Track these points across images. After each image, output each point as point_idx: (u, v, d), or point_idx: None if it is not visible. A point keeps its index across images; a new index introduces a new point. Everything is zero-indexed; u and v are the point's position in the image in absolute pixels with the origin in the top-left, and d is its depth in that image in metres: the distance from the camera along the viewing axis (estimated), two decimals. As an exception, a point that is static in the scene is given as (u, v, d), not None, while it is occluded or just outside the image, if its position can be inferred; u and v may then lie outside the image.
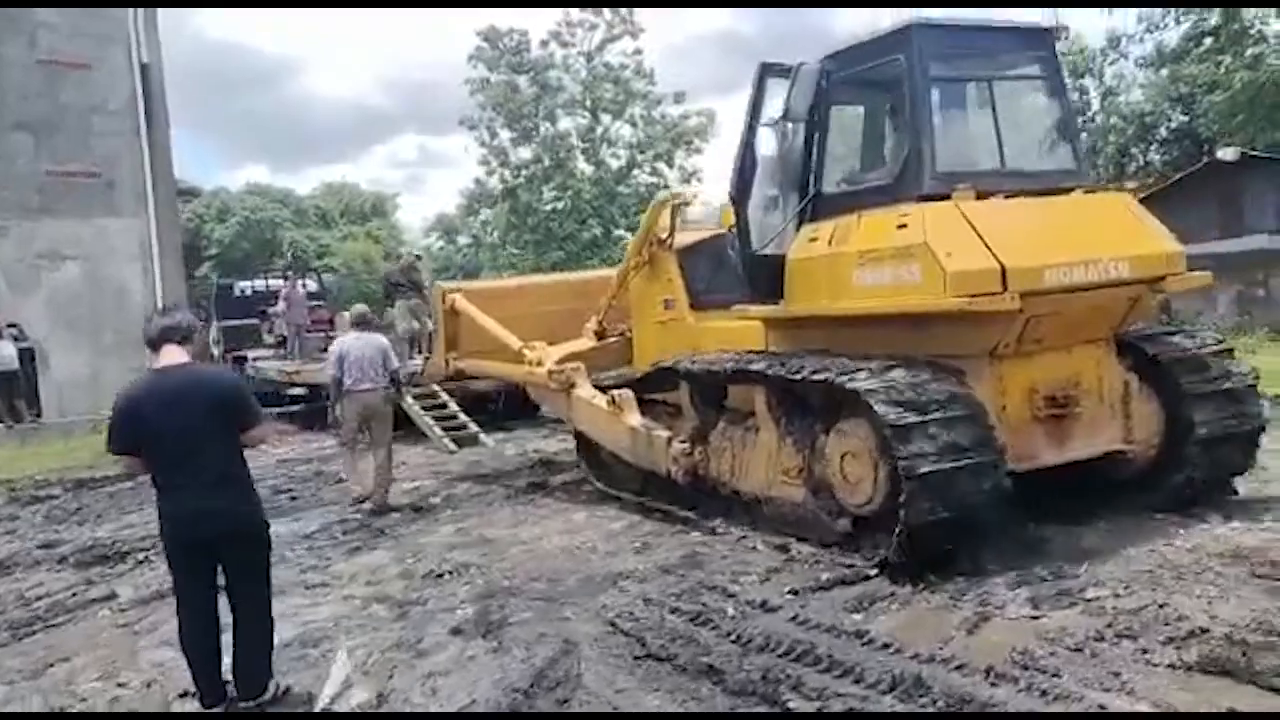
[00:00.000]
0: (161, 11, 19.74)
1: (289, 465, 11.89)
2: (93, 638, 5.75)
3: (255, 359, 19.32)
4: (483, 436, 12.26)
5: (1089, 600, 5.06)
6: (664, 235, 8.32)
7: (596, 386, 8.35)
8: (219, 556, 4.37)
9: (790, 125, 6.68)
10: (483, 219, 43.96)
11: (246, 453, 4.48)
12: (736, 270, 7.23)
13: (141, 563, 7.39)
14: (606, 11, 37.43)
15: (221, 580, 4.45)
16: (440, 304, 9.88)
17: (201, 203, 53.03)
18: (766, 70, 6.78)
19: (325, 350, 16.60)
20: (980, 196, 6.00)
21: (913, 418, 5.44)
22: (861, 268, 6.19)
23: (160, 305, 14.10)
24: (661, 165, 38.31)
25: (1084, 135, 24.21)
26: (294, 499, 9.67)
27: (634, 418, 7.63)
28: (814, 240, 6.61)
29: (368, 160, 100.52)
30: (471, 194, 42.25)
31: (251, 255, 49.62)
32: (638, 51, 38.20)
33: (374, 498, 8.77)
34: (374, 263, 49.15)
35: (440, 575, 6.38)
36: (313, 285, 27.56)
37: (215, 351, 23.35)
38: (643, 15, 39.38)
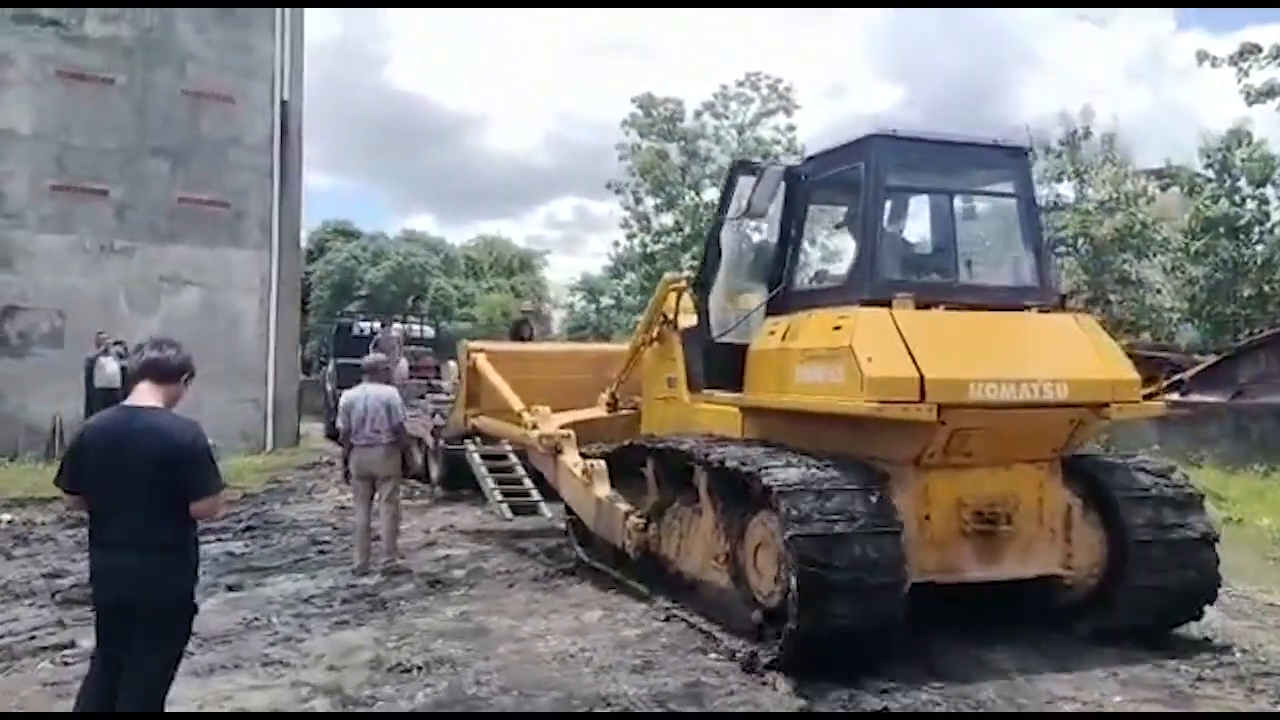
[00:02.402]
0: (349, 59, 21.56)
1: (343, 514, 11.93)
2: (10, 696, 5.67)
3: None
4: (543, 506, 11.40)
5: None
6: (670, 315, 8.90)
7: (597, 456, 8.93)
8: (126, 622, 4.08)
9: (761, 221, 7.24)
10: (625, 282, 45.44)
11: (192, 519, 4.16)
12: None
13: None
14: (763, 85, 38.57)
15: None
16: (464, 361, 10.72)
17: (359, 244, 56.94)
18: (739, 167, 7.39)
19: (423, 398, 17.90)
20: (921, 306, 6.39)
21: (814, 516, 5.78)
22: (802, 364, 6.64)
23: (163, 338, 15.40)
24: (803, 243, 38.84)
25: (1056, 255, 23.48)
26: (322, 553, 9.91)
27: (602, 489, 8.17)
28: (772, 334, 7.11)
29: (530, 218, 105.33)
30: (618, 257, 43.94)
31: (400, 298, 52.74)
32: (791, 127, 39.10)
33: (384, 562, 9.00)
34: (511, 314, 51.35)
35: (408, 670, 6.13)
36: (425, 330, 29.20)
37: (329, 387, 25.14)
38: (802, 92, 40.21)
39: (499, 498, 11.63)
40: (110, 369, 17.25)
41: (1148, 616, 6.56)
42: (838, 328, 6.39)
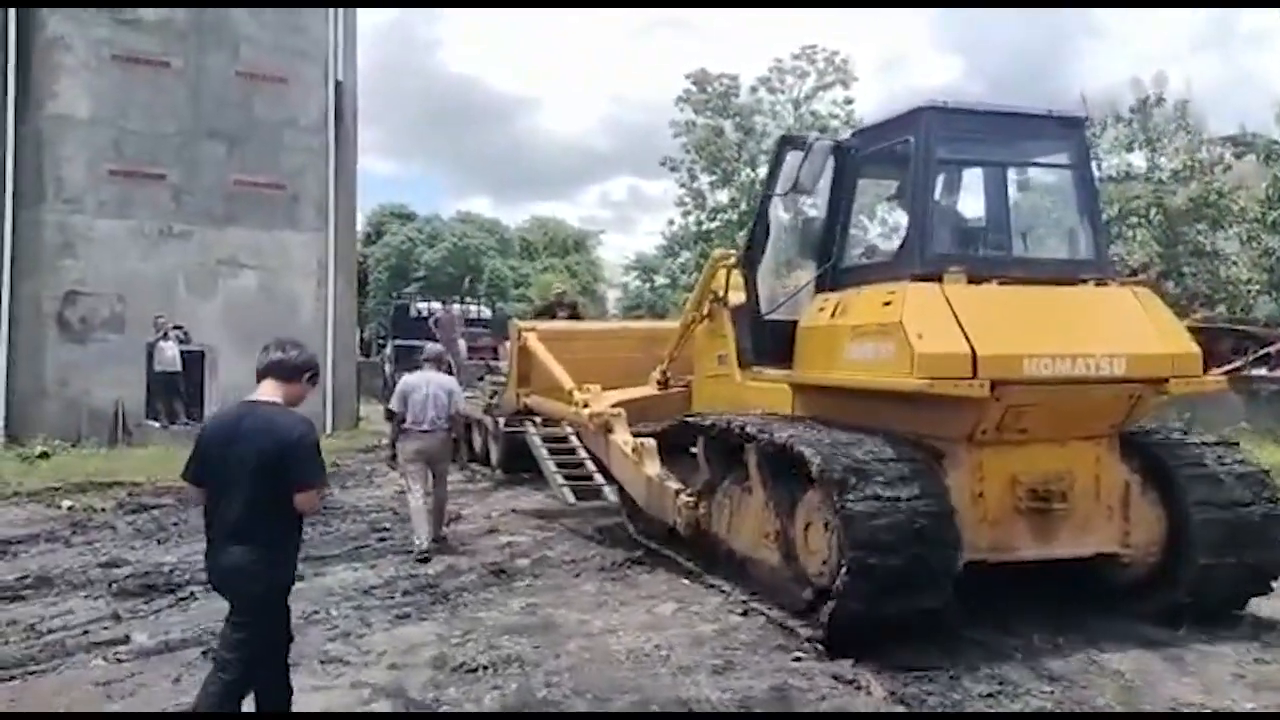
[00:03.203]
0: (402, 43, 21.72)
1: (404, 499, 11.19)
2: (60, 695, 5.54)
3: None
4: (607, 490, 11.26)
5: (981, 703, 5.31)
6: (720, 292, 8.97)
7: (648, 434, 9.04)
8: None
9: (810, 197, 7.27)
10: (680, 261, 45.46)
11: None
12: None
13: (184, 599, 7.48)
14: (819, 58, 38.26)
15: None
16: (515, 340, 10.88)
17: (415, 227, 57.75)
18: (785, 142, 7.42)
19: (482, 379, 18.12)
20: (974, 281, 6.40)
21: (864, 495, 5.82)
22: (852, 341, 6.70)
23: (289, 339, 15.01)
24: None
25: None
26: (382, 540, 9.77)
27: (652, 467, 8.29)
28: (822, 310, 7.16)
29: (584, 198, 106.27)
30: (672, 235, 43.97)
31: (456, 279, 53.45)
32: (849, 101, 38.74)
33: (434, 539, 9.10)
34: (567, 296, 51.73)
35: (473, 670, 5.88)
36: (483, 311, 29.57)
37: (387, 369, 25.57)
38: (859, 64, 39.92)
39: (561, 481, 11.72)
40: (170, 353, 17.75)
41: (1210, 597, 6.51)
42: (888, 303, 6.42)
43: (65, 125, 18.31)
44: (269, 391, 4.40)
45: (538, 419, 12.29)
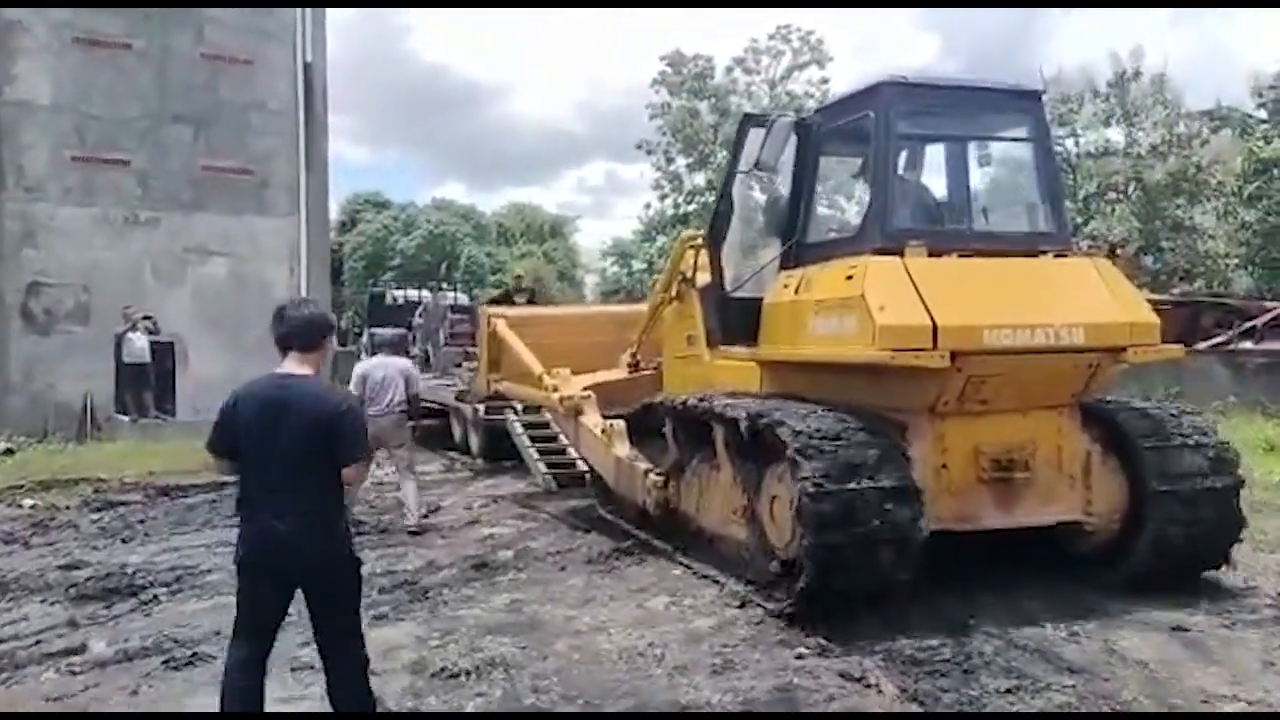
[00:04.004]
0: (372, 30, 21.56)
1: (382, 489, 11.58)
2: (8, 708, 5.37)
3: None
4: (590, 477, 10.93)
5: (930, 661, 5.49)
6: (689, 273, 9.11)
7: (614, 417, 9.20)
8: (298, 590, 4.38)
9: (773, 174, 7.42)
10: (658, 245, 45.65)
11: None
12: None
13: (147, 603, 7.21)
14: (794, 38, 38.50)
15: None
16: (484, 326, 11.01)
17: (390, 214, 57.82)
18: (748, 120, 7.56)
19: (459, 366, 18.19)
20: (935, 254, 6.56)
21: (825, 468, 5.97)
22: (816, 316, 6.86)
23: (299, 296, 14.59)
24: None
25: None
26: (358, 534, 8.88)
27: (622, 448, 8.45)
28: (787, 286, 7.32)
29: (558, 184, 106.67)
30: (649, 220, 44.17)
31: (433, 267, 53.58)
32: (824, 80, 39.01)
33: (411, 525, 9.44)
34: (544, 281, 52.02)
35: (456, 675, 5.61)
36: (460, 298, 29.73)
37: (364, 358, 25.62)
38: (834, 44, 40.25)
39: (543, 469, 11.80)
40: (139, 344, 17.52)
41: (1167, 566, 6.70)
42: (850, 278, 6.58)
43: (25, 111, 18.21)
44: (296, 364, 4.38)
45: (519, 406, 12.36)
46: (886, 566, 5.99)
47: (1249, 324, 17.95)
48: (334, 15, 21.09)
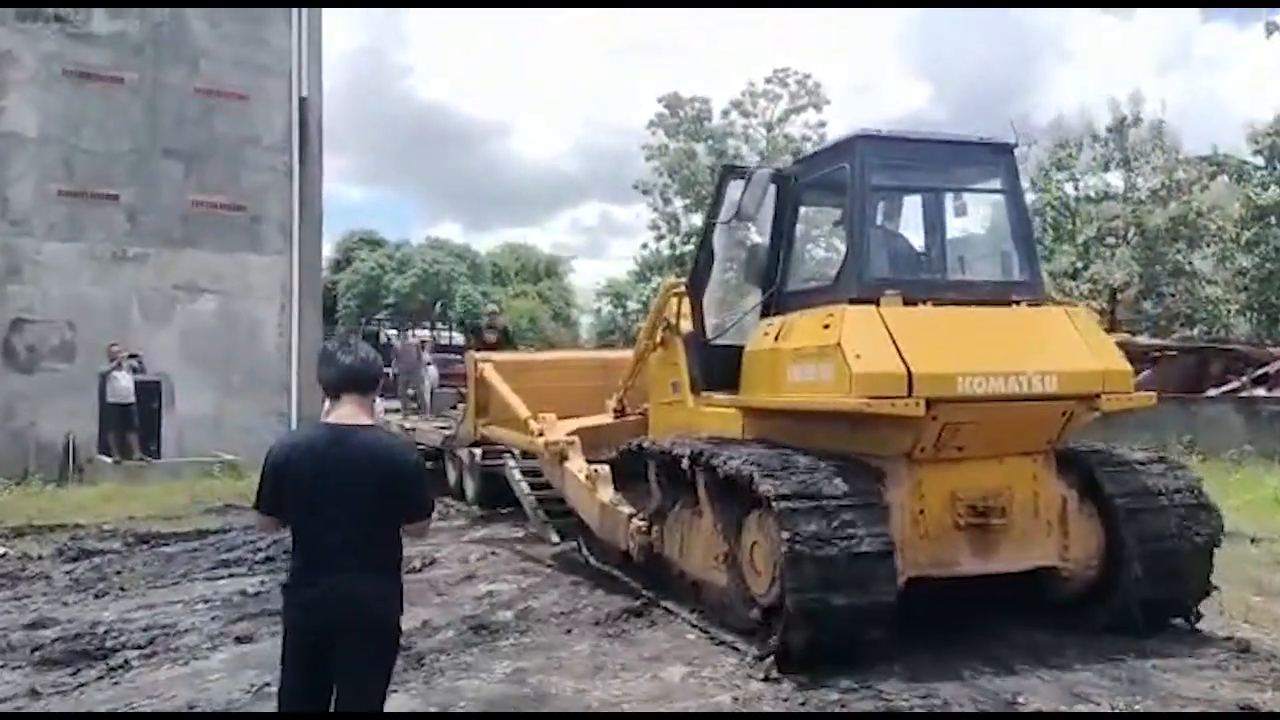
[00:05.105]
0: (371, 69, 21.63)
1: None
2: None
3: (384, 410, 19.90)
4: None
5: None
6: (673, 319, 9.39)
7: (599, 461, 9.45)
8: (335, 650, 3.96)
9: (753, 224, 7.74)
10: (653, 286, 46.16)
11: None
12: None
13: (116, 669, 6.69)
14: (791, 81, 39.28)
15: None
16: (472, 371, 11.29)
17: (384, 253, 58.50)
18: (728, 171, 7.90)
19: (454, 408, 18.30)
20: (910, 303, 6.86)
21: (805, 511, 6.22)
22: (794, 364, 7.14)
23: (343, 339, 13.83)
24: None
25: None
26: None
27: (605, 493, 8.69)
28: (766, 334, 7.61)
29: (553, 224, 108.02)
30: (644, 260, 44.71)
31: (427, 306, 54.12)
32: (822, 124, 39.73)
33: None
34: (539, 321, 52.62)
35: None
36: (455, 338, 30.03)
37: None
38: (833, 89, 40.98)
39: (543, 518, 11.53)
40: (124, 383, 17.48)
41: (1143, 612, 6.93)
42: (826, 326, 6.86)
43: (12, 143, 18.19)
44: (354, 412, 4.07)
45: (518, 451, 12.10)
46: (864, 614, 6.21)
47: (1261, 370, 18.12)
48: (330, 52, 21.32)
